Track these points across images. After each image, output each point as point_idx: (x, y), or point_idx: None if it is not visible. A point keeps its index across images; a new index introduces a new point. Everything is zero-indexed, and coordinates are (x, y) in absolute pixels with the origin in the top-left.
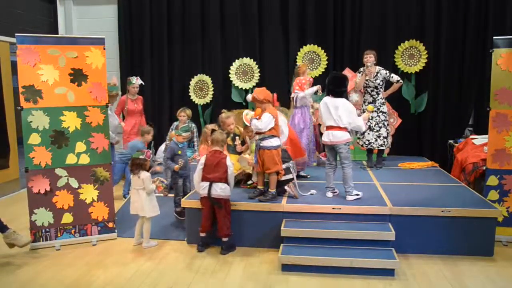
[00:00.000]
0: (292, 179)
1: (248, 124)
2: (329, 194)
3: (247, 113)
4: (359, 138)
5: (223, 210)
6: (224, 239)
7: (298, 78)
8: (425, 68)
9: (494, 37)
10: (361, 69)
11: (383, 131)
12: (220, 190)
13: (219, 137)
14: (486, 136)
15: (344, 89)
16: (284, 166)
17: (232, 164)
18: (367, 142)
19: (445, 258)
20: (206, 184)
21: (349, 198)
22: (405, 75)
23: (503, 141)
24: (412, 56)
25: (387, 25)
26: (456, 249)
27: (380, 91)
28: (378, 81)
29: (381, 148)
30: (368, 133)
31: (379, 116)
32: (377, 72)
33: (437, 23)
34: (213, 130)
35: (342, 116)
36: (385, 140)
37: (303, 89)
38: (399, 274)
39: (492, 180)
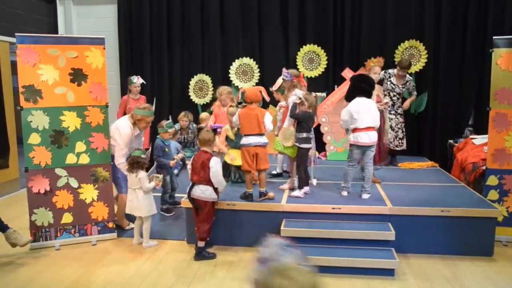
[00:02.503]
0: (310, 148)
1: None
2: (345, 193)
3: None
4: None
5: (203, 213)
6: (199, 244)
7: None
8: (425, 68)
9: (494, 37)
10: (389, 73)
11: (400, 133)
12: (200, 191)
13: (206, 137)
14: (486, 136)
15: (373, 89)
16: (304, 135)
17: (234, 158)
18: (387, 142)
19: (445, 258)
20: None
21: (365, 196)
22: None
23: (503, 141)
24: (412, 56)
25: (387, 25)
26: (456, 249)
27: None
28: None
29: (396, 148)
30: (390, 132)
31: (397, 118)
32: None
33: (437, 23)
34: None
35: (375, 116)
36: (400, 141)
37: None
38: (399, 274)
39: (492, 180)
